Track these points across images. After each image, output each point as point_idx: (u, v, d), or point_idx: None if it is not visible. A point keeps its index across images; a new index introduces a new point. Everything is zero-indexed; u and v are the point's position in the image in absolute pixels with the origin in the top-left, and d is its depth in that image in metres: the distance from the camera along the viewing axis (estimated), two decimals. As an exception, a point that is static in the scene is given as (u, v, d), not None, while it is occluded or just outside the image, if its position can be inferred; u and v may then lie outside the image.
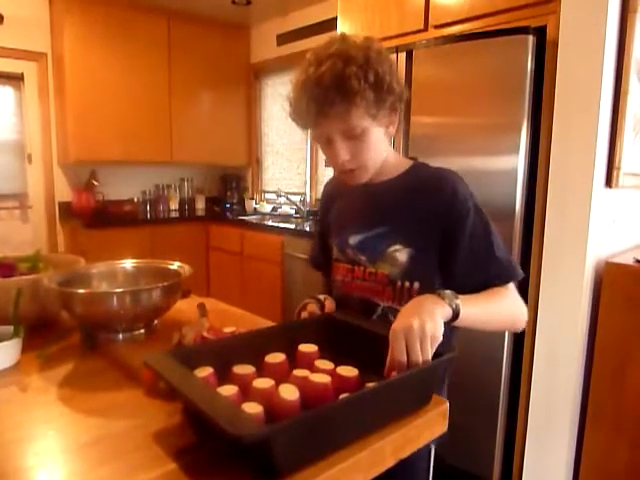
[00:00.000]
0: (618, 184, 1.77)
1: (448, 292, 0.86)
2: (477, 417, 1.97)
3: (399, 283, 1.03)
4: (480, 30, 1.92)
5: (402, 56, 2.08)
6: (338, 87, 0.90)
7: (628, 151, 1.79)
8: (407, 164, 1.09)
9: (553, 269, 1.79)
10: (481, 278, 0.99)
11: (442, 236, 1.00)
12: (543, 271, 1.82)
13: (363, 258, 1.08)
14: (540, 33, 1.76)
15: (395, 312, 0.94)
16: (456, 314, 0.84)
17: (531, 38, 1.74)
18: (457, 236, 0.99)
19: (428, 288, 0.97)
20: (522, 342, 1.91)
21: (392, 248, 1.03)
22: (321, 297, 1.12)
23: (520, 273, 1.02)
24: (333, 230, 1.17)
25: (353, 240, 1.09)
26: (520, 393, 1.94)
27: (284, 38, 3.92)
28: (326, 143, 0.99)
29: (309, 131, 1.02)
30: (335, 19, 2.57)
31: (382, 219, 1.06)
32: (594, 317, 1.80)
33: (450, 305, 0.84)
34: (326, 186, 1.27)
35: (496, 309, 0.98)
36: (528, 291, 1.88)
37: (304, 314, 1.08)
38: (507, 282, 1.01)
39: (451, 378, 1.08)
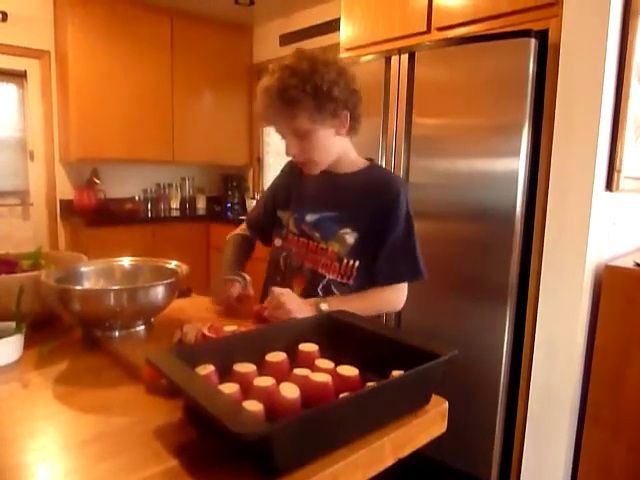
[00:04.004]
0: (618, 187, 1.77)
1: (321, 304, 1.14)
2: (475, 418, 1.97)
3: (345, 260, 1.24)
4: (482, 33, 1.93)
5: (405, 58, 2.08)
6: (281, 96, 1.13)
7: (629, 154, 1.80)
8: (364, 163, 1.31)
9: (553, 272, 1.79)
10: (389, 268, 1.23)
11: (379, 228, 1.22)
12: (543, 274, 1.82)
13: (317, 235, 1.27)
14: (542, 36, 1.77)
15: (337, 285, 1.24)
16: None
17: (533, 41, 1.75)
18: (388, 232, 1.22)
19: (366, 267, 1.23)
20: (521, 343, 1.91)
21: (343, 230, 1.24)
22: (246, 277, 1.32)
23: (420, 273, 1.25)
24: (291, 206, 1.35)
25: (310, 218, 1.29)
26: (519, 394, 1.94)
27: (287, 38, 3.93)
28: (282, 137, 1.22)
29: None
30: (338, 20, 2.57)
31: (337, 204, 1.26)
32: (594, 320, 1.80)
33: (317, 309, 1.13)
34: (293, 163, 1.39)
35: (364, 308, 1.15)
36: (528, 293, 1.89)
37: (231, 290, 1.27)
38: (401, 281, 1.27)
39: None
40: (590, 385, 1.80)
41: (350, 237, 1.23)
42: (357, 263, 1.23)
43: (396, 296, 1.29)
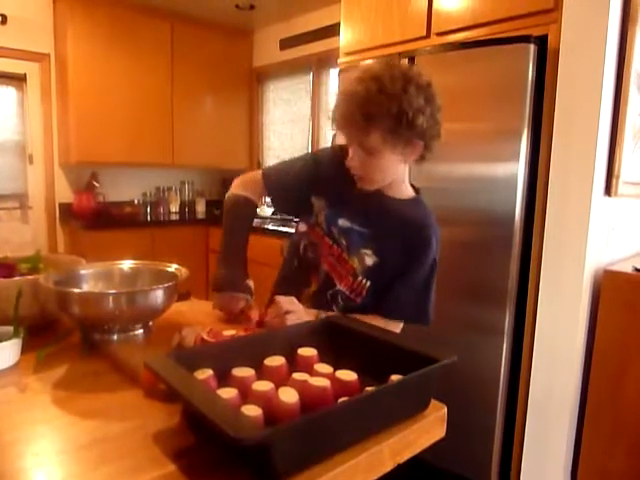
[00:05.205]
0: (617, 193, 1.78)
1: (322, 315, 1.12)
2: (475, 422, 1.97)
3: (359, 278, 1.23)
4: (482, 38, 1.93)
5: (404, 62, 2.09)
6: (361, 108, 1.06)
7: (627, 160, 1.80)
8: (411, 194, 1.28)
9: (552, 276, 1.80)
10: (397, 306, 1.23)
11: (401, 264, 1.21)
12: (542, 278, 1.82)
13: (344, 242, 1.24)
14: (541, 42, 1.78)
15: (344, 297, 1.25)
16: None
17: (532, 47, 1.76)
18: (409, 271, 1.21)
19: (375, 290, 1.23)
20: (521, 347, 1.91)
21: (365, 250, 1.23)
22: (251, 288, 1.26)
23: (426, 319, 1.27)
24: (329, 199, 1.29)
25: (343, 223, 1.25)
26: (518, 398, 1.94)
27: (287, 43, 3.94)
28: (348, 145, 1.16)
29: (309, 136, 1.20)
30: (338, 24, 2.58)
31: (371, 223, 1.24)
32: (593, 324, 1.80)
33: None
34: (341, 158, 1.24)
35: None
36: (527, 298, 1.89)
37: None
38: (404, 321, 1.25)
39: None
40: (589, 389, 1.80)
41: (369, 259, 1.22)
42: (369, 284, 1.23)
43: (394, 330, 1.24)
